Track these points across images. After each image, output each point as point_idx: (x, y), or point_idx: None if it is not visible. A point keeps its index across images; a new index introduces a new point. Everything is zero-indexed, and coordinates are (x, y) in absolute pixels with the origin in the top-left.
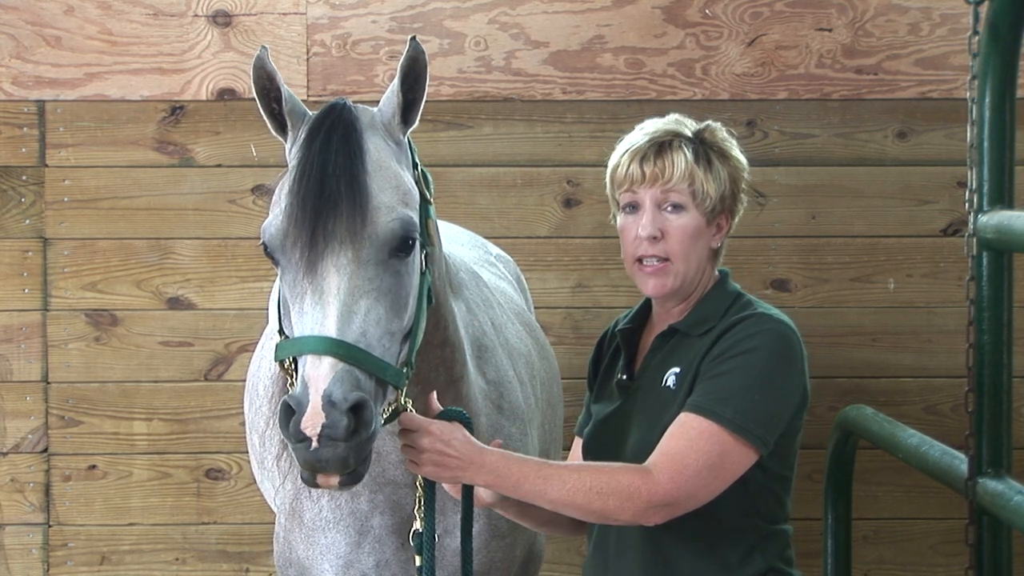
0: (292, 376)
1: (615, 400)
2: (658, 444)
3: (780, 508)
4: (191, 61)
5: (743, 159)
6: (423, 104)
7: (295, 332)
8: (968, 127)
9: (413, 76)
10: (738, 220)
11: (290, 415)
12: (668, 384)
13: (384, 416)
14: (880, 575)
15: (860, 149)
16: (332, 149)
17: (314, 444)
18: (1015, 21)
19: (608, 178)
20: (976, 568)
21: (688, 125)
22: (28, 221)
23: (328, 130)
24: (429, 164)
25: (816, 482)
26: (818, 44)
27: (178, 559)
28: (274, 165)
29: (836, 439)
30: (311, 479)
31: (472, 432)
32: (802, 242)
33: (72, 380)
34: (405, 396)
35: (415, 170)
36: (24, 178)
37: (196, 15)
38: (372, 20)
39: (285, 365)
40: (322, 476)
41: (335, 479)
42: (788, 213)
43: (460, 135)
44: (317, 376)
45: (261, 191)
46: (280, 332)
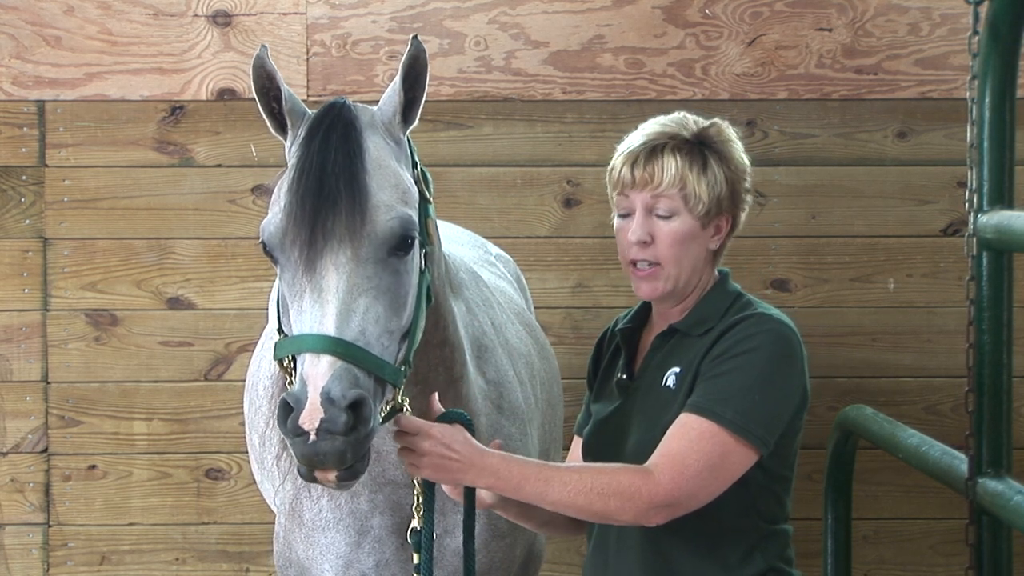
0: (291, 374)
1: (615, 400)
2: (659, 445)
3: (780, 508)
4: (191, 61)
5: (745, 160)
6: (423, 103)
7: (294, 330)
8: (968, 127)
9: (414, 75)
10: (744, 220)
11: (288, 412)
12: (668, 384)
13: (382, 415)
14: (880, 575)
15: (860, 149)
16: (331, 147)
17: (312, 437)
18: (1015, 21)
19: (607, 179)
20: (976, 568)
21: (691, 125)
22: (28, 221)
23: (327, 128)
24: (429, 164)
25: (816, 482)
26: (818, 44)
27: (178, 559)
28: (274, 165)
29: (836, 439)
30: (308, 474)
31: (473, 434)
32: (802, 242)
33: (72, 380)
34: (402, 395)
35: (415, 169)
36: (24, 178)
37: (196, 15)
38: (372, 20)
39: (284, 363)
40: (320, 471)
41: (333, 474)
42: (788, 213)
43: (460, 135)
44: (316, 374)
45: (261, 191)
46: (279, 331)
